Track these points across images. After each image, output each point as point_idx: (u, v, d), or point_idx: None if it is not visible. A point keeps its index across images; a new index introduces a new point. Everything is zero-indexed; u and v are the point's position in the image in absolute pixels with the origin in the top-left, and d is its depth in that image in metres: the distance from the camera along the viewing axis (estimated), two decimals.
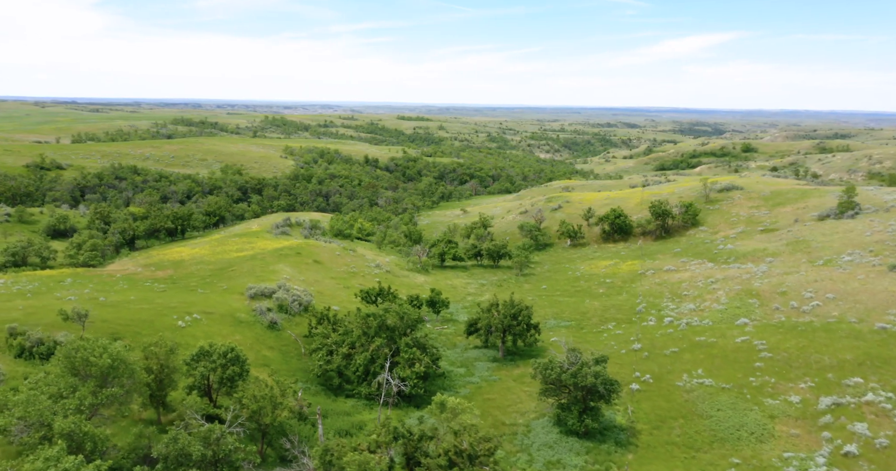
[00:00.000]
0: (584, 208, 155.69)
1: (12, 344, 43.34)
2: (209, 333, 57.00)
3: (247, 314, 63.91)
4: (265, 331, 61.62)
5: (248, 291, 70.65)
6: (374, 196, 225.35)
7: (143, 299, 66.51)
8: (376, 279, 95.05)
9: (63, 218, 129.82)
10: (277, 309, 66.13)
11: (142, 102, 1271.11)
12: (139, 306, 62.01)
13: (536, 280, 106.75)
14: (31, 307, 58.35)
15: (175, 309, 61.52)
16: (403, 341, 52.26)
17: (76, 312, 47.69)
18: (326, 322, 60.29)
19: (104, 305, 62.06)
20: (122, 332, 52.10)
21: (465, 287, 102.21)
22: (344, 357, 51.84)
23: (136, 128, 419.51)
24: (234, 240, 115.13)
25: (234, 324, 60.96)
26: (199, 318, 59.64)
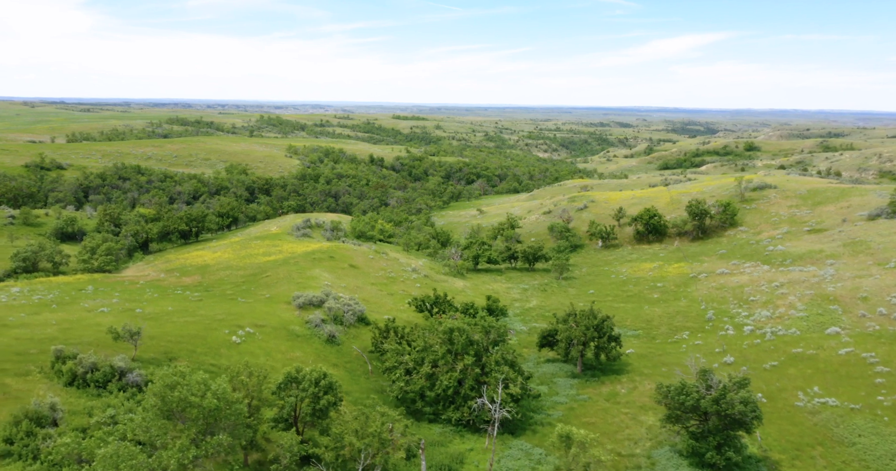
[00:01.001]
0: (613, 208, 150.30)
1: (61, 370, 37.12)
2: (268, 350, 50.95)
3: (301, 327, 57.84)
4: (324, 346, 55.59)
5: (294, 300, 64.57)
6: (384, 196, 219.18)
7: (182, 310, 60.29)
8: (417, 284, 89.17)
9: (71, 220, 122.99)
10: (332, 320, 60.03)
11: (131, 102, 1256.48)
12: (182, 319, 55.81)
13: (580, 284, 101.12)
14: (64, 322, 52.03)
15: (223, 322, 55.38)
16: (492, 359, 46.42)
17: (127, 330, 41.51)
18: (393, 336, 54.33)
19: (143, 318, 55.80)
20: (176, 350, 45.95)
21: (508, 292, 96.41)
22: (426, 378, 45.91)
23: (132, 127, 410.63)
24: (257, 243, 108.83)
25: (289, 338, 54.90)
26: (253, 332, 53.56)
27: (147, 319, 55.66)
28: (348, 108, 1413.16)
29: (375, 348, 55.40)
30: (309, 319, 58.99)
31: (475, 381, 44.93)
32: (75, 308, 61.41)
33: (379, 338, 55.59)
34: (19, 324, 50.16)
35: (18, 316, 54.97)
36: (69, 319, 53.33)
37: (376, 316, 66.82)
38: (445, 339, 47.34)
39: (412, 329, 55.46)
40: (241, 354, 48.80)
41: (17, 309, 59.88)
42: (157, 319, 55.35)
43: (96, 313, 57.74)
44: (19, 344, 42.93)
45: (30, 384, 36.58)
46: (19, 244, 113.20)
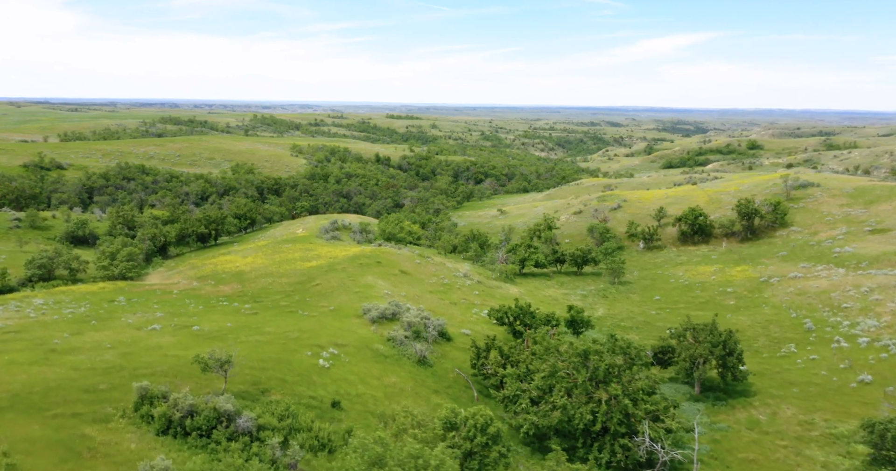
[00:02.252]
0: (649, 208, 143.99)
1: (150, 414, 29.61)
2: (361, 376, 43.63)
3: (384, 346, 50.52)
4: (416, 368, 48.29)
5: (365, 313, 57.23)
6: (396, 196, 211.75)
7: (243, 327, 52.78)
8: (475, 292, 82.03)
9: (82, 223, 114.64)
10: (413, 337, 52.75)
11: (118, 102, 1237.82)
12: (251, 338, 48.34)
13: (640, 289, 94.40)
14: (118, 344, 44.39)
15: (298, 341, 47.99)
16: (638, 386, 39.42)
17: (217, 359, 34.10)
18: (497, 356, 47.16)
19: (205, 337, 48.31)
20: (265, 380, 38.53)
21: (566, 299, 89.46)
22: (560, 410, 38.79)
23: (125, 127, 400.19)
24: (289, 247, 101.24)
25: (377, 360, 47.57)
26: (337, 353, 46.19)
27: (209, 338, 48.15)
28: (337, 107, 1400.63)
29: (478, 371, 48.14)
30: (391, 337, 51.67)
31: (622, 414, 37.88)
32: (118, 325, 53.72)
33: (479, 359, 48.36)
34: (68, 348, 42.50)
35: (61, 336, 47.27)
36: (121, 341, 45.69)
37: (452, 330, 59.65)
38: (579, 363, 40.24)
39: (513, 348, 48.27)
40: (335, 381, 41.48)
41: (53, 327, 52.13)
42: (222, 339, 47.82)
43: (147, 332, 50.11)
44: (82, 377, 35.36)
45: (115, 434, 29.07)
46: (29, 249, 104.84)
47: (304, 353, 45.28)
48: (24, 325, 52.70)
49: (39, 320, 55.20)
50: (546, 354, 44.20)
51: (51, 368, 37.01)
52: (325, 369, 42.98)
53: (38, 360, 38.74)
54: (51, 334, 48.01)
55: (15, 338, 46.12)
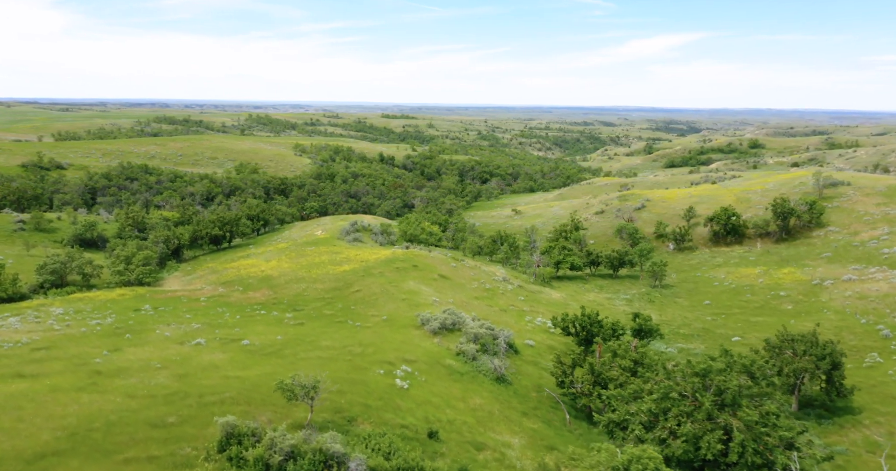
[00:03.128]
0: (675, 207, 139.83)
1: (242, 457, 24.63)
2: (445, 398, 38.83)
3: (455, 361, 45.70)
4: (496, 387, 43.49)
5: (425, 324, 52.42)
6: (405, 196, 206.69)
7: (296, 340, 47.83)
8: (519, 297, 77.30)
9: (90, 225, 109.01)
10: (481, 350, 47.95)
11: (107, 103, 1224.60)
12: (310, 354, 43.42)
13: (685, 293, 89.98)
14: (168, 363, 39.35)
15: (364, 357, 43.13)
16: (764, 410, 34.81)
17: (303, 386, 29.18)
18: (589, 373, 42.41)
19: (260, 354, 43.32)
20: (347, 406, 33.60)
21: (611, 304, 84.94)
22: (684, 438, 34.09)
23: (119, 126, 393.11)
24: (312, 250, 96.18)
25: (453, 378, 42.76)
26: (411, 371, 41.33)
27: (265, 354, 43.17)
28: (329, 107, 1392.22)
29: (566, 389, 43.32)
30: (461, 351, 46.86)
31: (757, 442, 33.23)
32: (156, 339, 48.62)
33: (566, 376, 43.58)
34: (114, 369, 37.43)
35: (99, 353, 42.19)
36: (169, 359, 40.63)
37: (516, 341, 54.91)
38: (698, 383, 35.56)
39: (605, 364, 43.53)
40: (420, 405, 36.62)
41: (85, 341, 46.99)
42: (279, 356, 42.86)
43: (192, 347, 45.06)
44: (143, 407, 30.33)
45: None
46: (37, 253, 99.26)
47: (376, 371, 40.38)
48: (52, 339, 47.53)
49: (67, 334, 50.01)
50: (648, 371, 39.51)
51: (103, 395, 31.95)
52: (405, 390, 38.11)
53: (86, 385, 33.68)
54: (87, 351, 42.90)
55: (48, 356, 40.97)
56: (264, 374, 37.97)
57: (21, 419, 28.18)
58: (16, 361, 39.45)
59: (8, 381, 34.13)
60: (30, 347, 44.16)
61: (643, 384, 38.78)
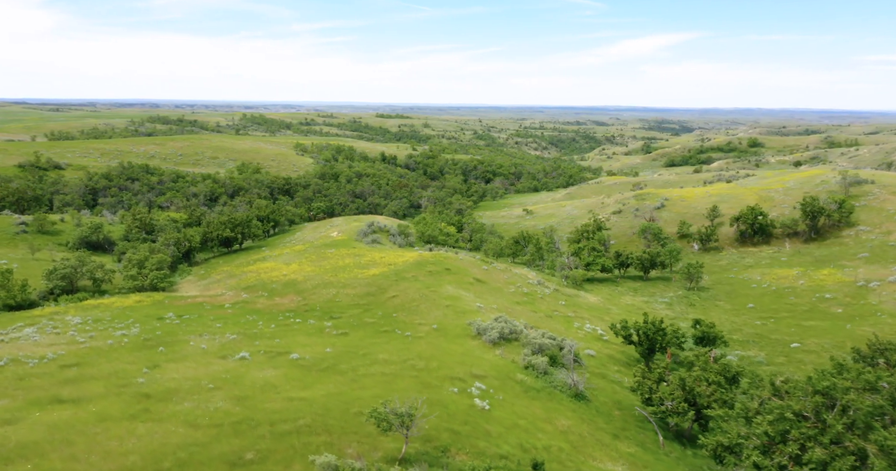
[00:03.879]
0: (696, 206, 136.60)
1: None
2: (530, 419, 34.94)
3: (525, 375, 41.82)
4: (576, 404, 39.61)
5: (481, 334, 48.49)
6: (411, 196, 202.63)
7: (347, 352, 43.81)
8: (560, 302, 73.47)
9: (96, 227, 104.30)
10: (551, 363, 44.06)
11: (97, 103, 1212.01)
12: (370, 369, 39.43)
13: (724, 296, 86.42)
14: (218, 382, 35.25)
15: (427, 372, 39.23)
16: None
17: (398, 415, 25.21)
18: (680, 389, 38.59)
19: (316, 369, 39.27)
20: (433, 433, 29.63)
21: (650, 308, 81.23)
22: (809, 466, 30.33)
23: (113, 126, 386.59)
24: (332, 252, 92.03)
25: (528, 395, 38.86)
26: (484, 388, 37.37)
27: (321, 370, 39.12)
28: (320, 107, 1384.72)
29: (656, 407, 39.43)
30: (531, 364, 42.97)
31: None
32: (193, 352, 44.45)
33: (651, 392, 39.73)
34: (161, 391, 33.29)
35: (137, 370, 38.03)
36: (218, 377, 36.52)
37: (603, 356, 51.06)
38: (822, 403, 31.81)
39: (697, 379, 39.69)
40: (508, 429, 32.69)
41: (117, 356, 42.77)
42: (336, 371, 38.82)
43: (237, 362, 40.94)
44: (212, 439, 26.24)
45: None
46: (42, 257, 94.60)
47: (448, 389, 36.42)
48: (79, 354, 43.27)
49: (93, 347, 45.72)
50: (753, 388, 35.74)
51: (161, 425, 27.84)
52: (487, 411, 34.16)
53: (137, 412, 29.55)
54: (123, 368, 38.71)
55: (82, 375, 36.76)
56: (329, 394, 33.97)
57: (74, 458, 24.08)
58: (48, 381, 35.23)
59: (47, 407, 29.95)
60: (58, 364, 39.91)
61: (748, 402, 35.01)
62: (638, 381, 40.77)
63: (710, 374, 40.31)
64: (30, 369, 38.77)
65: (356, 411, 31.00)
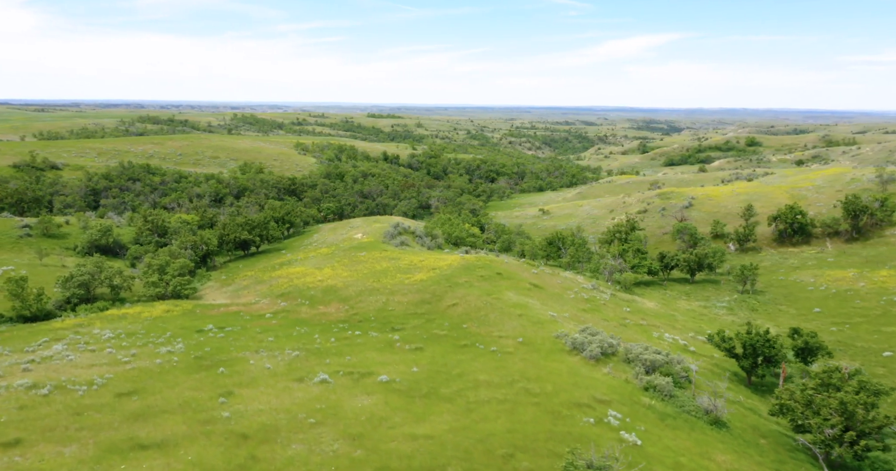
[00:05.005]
0: (725, 205, 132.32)
1: None
2: (687, 454, 29.72)
3: (648, 397, 36.62)
4: (717, 433, 34.41)
5: (580, 349, 43.17)
6: (419, 196, 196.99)
7: (438, 372, 38.42)
8: (625, 308, 68.32)
9: (105, 230, 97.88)
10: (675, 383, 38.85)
11: (81, 104, 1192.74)
12: (479, 395, 34.06)
13: (783, 300, 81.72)
14: (317, 414, 29.72)
15: (545, 396, 33.93)
16: None
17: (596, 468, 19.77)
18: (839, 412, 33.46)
19: (418, 396, 33.78)
20: None
21: (711, 313, 76.35)
22: None
23: (102, 126, 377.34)
24: (364, 255, 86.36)
25: (666, 423, 33.60)
26: (620, 416, 32.04)
27: (422, 396, 33.65)
28: (307, 108, 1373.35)
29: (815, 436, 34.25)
30: (652, 385, 37.70)
31: None
32: (258, 372, 38.78)
33: (805, 417, 34.55)
34: (257, 428, 27.70)
35: (210, 399, 32.34)
36: (308, 406, 30.97)
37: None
38: None
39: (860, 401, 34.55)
40: (670, 470, 27.29)
41: (174, 380, 37.04)
42: (441, 398, 33.37)
43: (319, 386, 35.37)
44: None
45: None
46: (50, 262, 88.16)
47: (582, 419, 31.07)
48: (129, 377, 37.47)
49: (142, 368, 39.88)
50: None
51: None
52: (640, 447, 28.87)
53: (244, 461, 23.97)
54: (192, 397, 33.01)
55: (149, 407, 30.99)
56: (453, 429, 28.53)
57: None
58: (112, 416, 29.45)
59: (129, 455, 24.25)
60: (112, 392, 34.11)
61: None
62: (782, 404, 35.58)
63: (863, 395, 35.24)
64: (81, 398, 32.96)
65: (503, 452, 25.62)
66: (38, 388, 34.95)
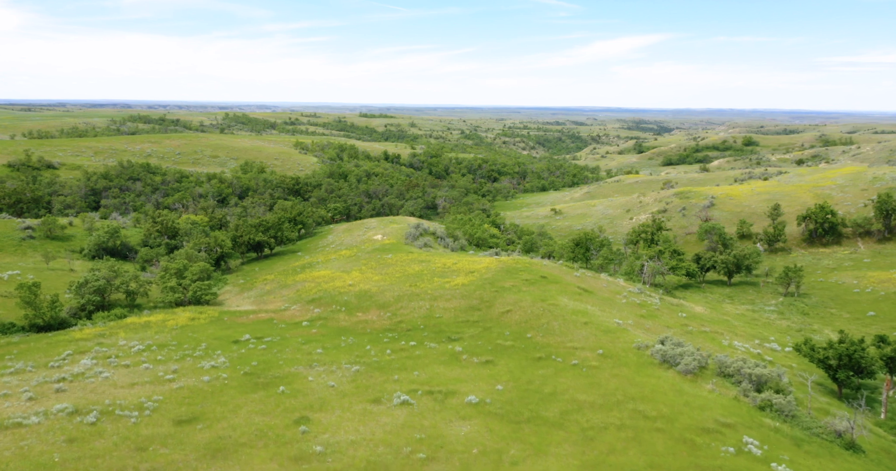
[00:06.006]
0: (748, 205, 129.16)
1: None
2: None
3: (768, 418, 32.84)
4: (857, 458, 30.48)
5: (674, 363, 39.33)
6: (424, 195, 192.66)
7: (528, 392, 34.45)
8: (680, 313, 64.50)
9: (113, 231, 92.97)
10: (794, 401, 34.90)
11: (67, 103, 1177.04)
12: (592, 419, 30.11)
13: (832, 303, 78.24)
14: (416, 445, 25.54)
15: (663, 420, 30.09)
16: None
17: None
18: None
19: (517, 421, 29.72)
20: None
21: (761, 317, 72.71)
22: None
23: (93, 126, 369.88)
24: (389, 258, 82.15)
25: (802, 450, 29.80)
26: (758, 443, 28.07)
27: (522, 421, 29.59)
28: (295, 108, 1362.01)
29: None
30: (769, 403, 33.98)
31: None
32: (321, 391, 34.57)
33: None
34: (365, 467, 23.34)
35: (287, 427, 28.06)
36: (405, 435, 26.81)
37: None
38: None
39: None
40: None
41: (232, 402, 32.75)
42: (549, 424, 29.31)
43: (399, 408, 31.24)
44: None
45: None
46: (57, 266, 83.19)
47: (720, 448, 27.18)
48: (181, 399, 33.10)
49: (191, 388, 35.48)
50: None
51: None
52: None
53: None
54: (266, 424, 28.70)
55: (222, 440, 26.63)
56: (585, 465, 24.64)
57: None
58: (180, 451, 25.13)
59: None
60: (170, 419, 29.74)
61: None
62: None
63: None
64: (136, 427, 28.57)
65: None
66: (81, 414, 30.52)
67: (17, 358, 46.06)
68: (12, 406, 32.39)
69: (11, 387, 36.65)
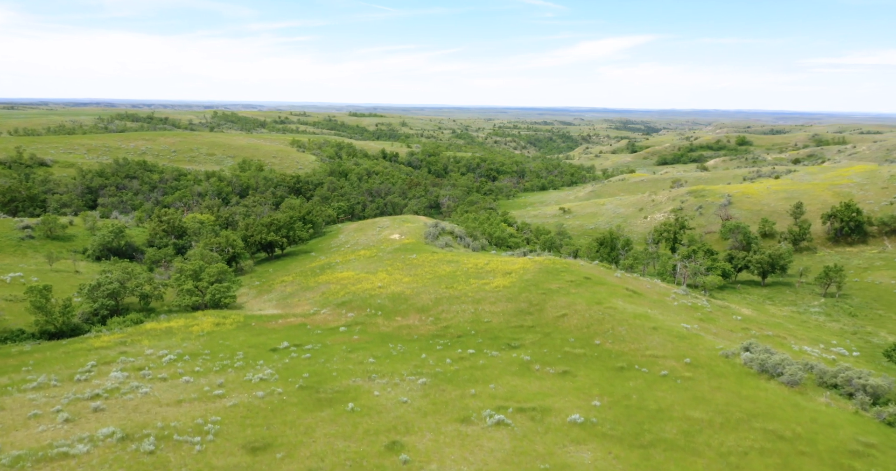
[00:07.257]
0: (766, 203, 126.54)
1: None
2: None
3: None
4: None
5: (772, 372, 35.81)
6: (426, 194, 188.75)
7: (626, 407, 30.83)
8: (735, 317, 61.13)
9: (118, 231, 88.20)
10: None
11: (49, 102, 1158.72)
12: (725, 442, 26.53)
13: (877, 304, 75.36)
14: None
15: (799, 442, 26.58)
16: None
17: None
18: None
19: (638, 446, 25.95)
20: None
21: (809, 319, 69.56)
22: None
23: (80, 124, 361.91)
24: (414, 258, 78.35)
25: None
26: None
27: (648, 445, 25.86)
28: (281, 107, 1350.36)
29: None
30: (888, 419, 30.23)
31: None
32: (396, 409, 30.73)
33: None
34: None
35: (382, 454, 24.19)
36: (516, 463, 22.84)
37: None
38: None
39: None
40: None
41: (302, 423, 28.88)
42: (678, 448, 25.70)
43: (492, 428, 27.59)
44: None
45: None
46: (61, 267, 78.36)
47: None
48: (239, 419, 29.06)
49: (247, 405, 31.44)
50: None
51: None
52: None
53: None
54: (351, 450, 24.82)
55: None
56: None
57: None
58: None
59: None
60: (239, 445, 25.72)
61: None
62: None
63: None
64: (202, 455, 24.52)
65: None
66: (135, 440, 26.38)
67: (36, 370, 41.68)
68: (49, 430, 28.18)
69: (40, 405, 32.39)
